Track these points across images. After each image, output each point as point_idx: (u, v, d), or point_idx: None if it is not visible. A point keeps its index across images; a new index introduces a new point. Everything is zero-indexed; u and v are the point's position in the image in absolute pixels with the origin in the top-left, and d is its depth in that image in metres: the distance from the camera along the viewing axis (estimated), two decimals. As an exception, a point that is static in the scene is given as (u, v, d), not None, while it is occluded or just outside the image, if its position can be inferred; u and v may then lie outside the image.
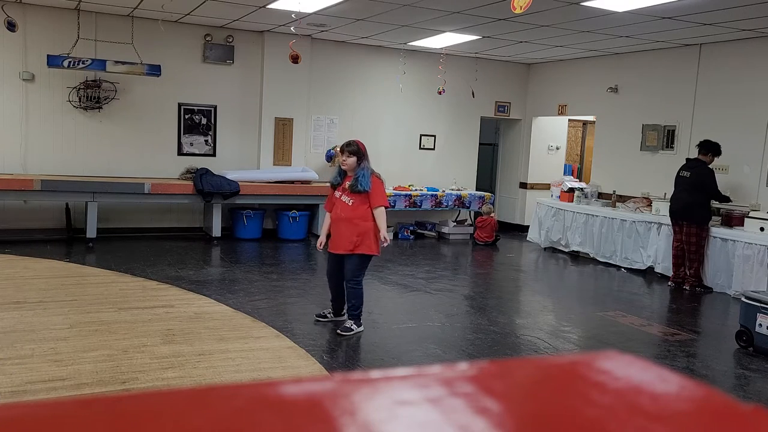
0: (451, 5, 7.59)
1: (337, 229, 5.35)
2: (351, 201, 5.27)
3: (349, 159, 5.29)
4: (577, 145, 13.18)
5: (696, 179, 7.78)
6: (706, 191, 7.77)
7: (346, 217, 5.28)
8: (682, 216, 7.90)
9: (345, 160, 5.32)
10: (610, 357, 0.73)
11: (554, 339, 5.71)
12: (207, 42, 9.85)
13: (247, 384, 0.63)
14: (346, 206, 5.28)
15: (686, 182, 7.86)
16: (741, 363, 5.33)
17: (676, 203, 7.98)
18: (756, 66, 8.35)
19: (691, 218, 7.83)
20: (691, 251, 7.86)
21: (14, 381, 4.07)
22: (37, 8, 8.91)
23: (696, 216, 7.80)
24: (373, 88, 11.05)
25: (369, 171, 5.31)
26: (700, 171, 7.79)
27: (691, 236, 7.82)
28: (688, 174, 7.88)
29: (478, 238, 10.76)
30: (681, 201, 7.89)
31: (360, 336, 5.44)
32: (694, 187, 7.78)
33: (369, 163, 5.39)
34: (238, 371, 4.45)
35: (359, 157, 5.29)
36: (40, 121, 9.15)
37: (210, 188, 9.27)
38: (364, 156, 5.34)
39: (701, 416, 0.62)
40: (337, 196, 5.37)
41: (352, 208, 5.26)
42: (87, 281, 6.75)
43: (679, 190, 7.96)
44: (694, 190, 7.79)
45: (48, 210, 9.20)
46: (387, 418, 0.57)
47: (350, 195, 5.27)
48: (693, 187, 7.79)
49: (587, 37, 9.03)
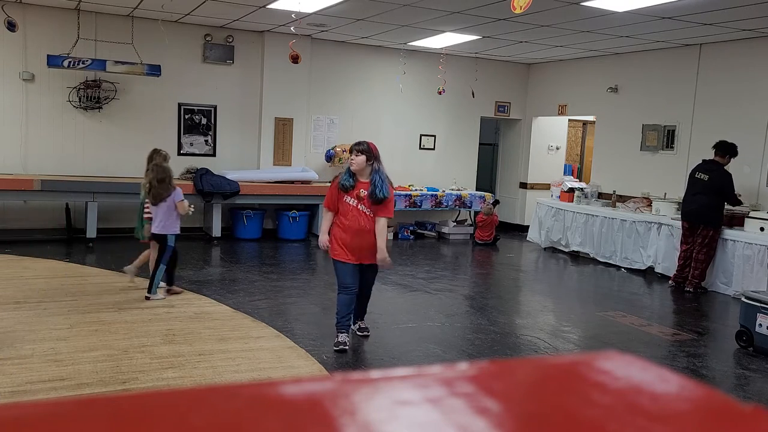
0: (451, 5, 7.59)
1: (359, 241, 4.90)
2: (370, 212, 4.88)
3: (357, 158, 4.91)
4: (577, 145, 13.18)
5: (715, 182, 7.66)
6: (724, 194, 7.69)
7: (370, 228, 4.88)
8: (698, 218, 7.79)
9: (353, 159, 4.95)
10: (610, 357, 0.73)
11: (554, 339, 5.71)
12: (207, 42, 9.86)
13: (247, 384, 0.63)
14: (367, 217, 4.88)
15: (704, 185, 7.73)
16: (741, 363, 5.33)
17: (691, 205, 7.83)
18: (756, 66, 8.35)
19: (708, 221, 7.72)
20: (702, 252, 7.78)
21: (14, 381, 4.07)
22: (37, 8, 8.91)
23: (713, 219, 7.71)
24: (373, 88, 11.05)
25: (386, 177, 4.95)
26: (720, 173, 7.68)
27: (706, 238, 7.74)
28: (706, 177, 7.74)
29: (478, 238, 10.76)
30: (697, 203, 7.76)
31: (360, 336, 5.44)
32: (713, 190, 7.68)
33: (383, 166, 5.00)
34: (238, 371, 4.45)
35: (368, 157, 4.90)
36: (40, 121, 9.15)
37: (210, 188, 9.27)
38: (375, 157, 4.94)
39: (701, 416, 0.62)
40: (352, 204, 4.90)
41: (368, 217, 4.89)
42: (87, 281, 6.75)
43: (694, 192, 7.82)
44: (712, 193, 7.69)
45: (48, 210, 9.20)
46: (387, 418, 0.57)
47: (370, 205, 4.87)
48: (711, 190, 7.68)
49: (587, 37, 9.03)
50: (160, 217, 6.13)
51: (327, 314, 6.22)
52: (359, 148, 4.93)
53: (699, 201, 7.74)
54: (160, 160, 6.33)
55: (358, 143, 5.00)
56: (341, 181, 4.95)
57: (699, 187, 7.77)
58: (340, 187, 4.94)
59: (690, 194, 7.90)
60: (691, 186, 7.91)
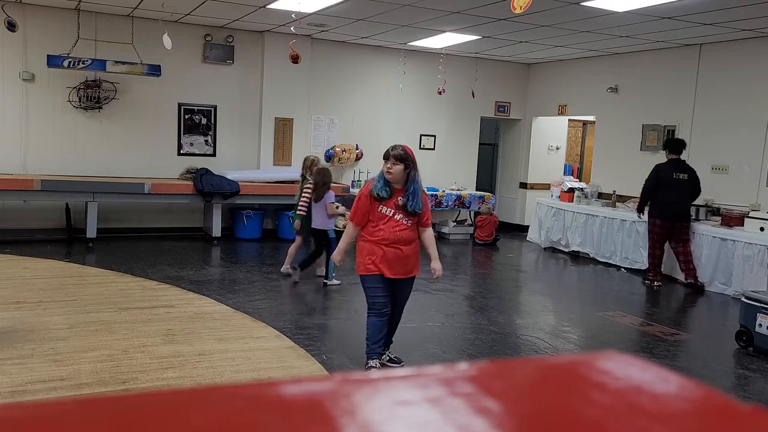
0: (451, 5, 7.59)
1: (398, 253, 4.42)
2: (409, 221, 4.43)
3: (396, 167, 4.33)
4: (577, 145, 13.18)
5: (693, 181, 7.92)
6: (698, 191, 8.03)
7: (408, 238, 4.45)
8: (681, 218, 7.92)
9: (390, 168, 4.34)
10: (610, 357, 0.73)
11: (554, 339, 5.71)
12: (207, 42, 9.86)
13: (247, 384, 0.63)
14: (405, 227, 4.42)
15: (684, 185, 7.89)
16: (741, 363, 5.33)
17: (676, 206, 7.91)
18: (756, 66, 8.35)
19: (688, 219, 8.02)
20: (688, 245, 7.99)
21: (14, 381, 4.07)
22: (37, 8, 8.91)
23: (689, 216, 8.09)
24: (373, 88, 11.05)
25: (420, 186, 4.48)
26: (694, 171, 7.95)
27: (684, 234, 7.99)
28: (686, 177, 7.90)
29: (478, 238, 10.76)
30: (681, 204, 7.92)
31: (359, 336, 5.44)
32: (692, 189, 7.95)
33: (419, 174, 4.51)
34: (238, 371, 4.45)
35: (407, 166, 4.37)
36: (40, 121, 9.15)
37: (210, 188, 9.27)
38: (414, 165, 4.43)
39: (701, 416, 0.62)
40: (388, 214, 4.40)
41: (411, 229, 4.45)
42: (87, 281, 6.75)
43: (679, 192, 7.91)
44: (692, 192, 7.97)
45: (48, 210, 9.20)
46: (387, 418, 0.57)
47: (407, 215, 4.41)
48: (691, 188, 7.94)
49: (587, 37, 9.03)
50: (319, 215, 7.07)
51: (327, 314, 6.23)
52: (396, 155, 4.34)
53: (683, 201, 7.94)
54: (324, 165, 7.42)
55: (394, 148, 4.40)
56: (376, 191, 4.39)
57: (679, 188, 7.92)
58: (375, 198, 4.40)
59: (674, 194, 7.91)
60: (672, 187, 7.90)
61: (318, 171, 7.14)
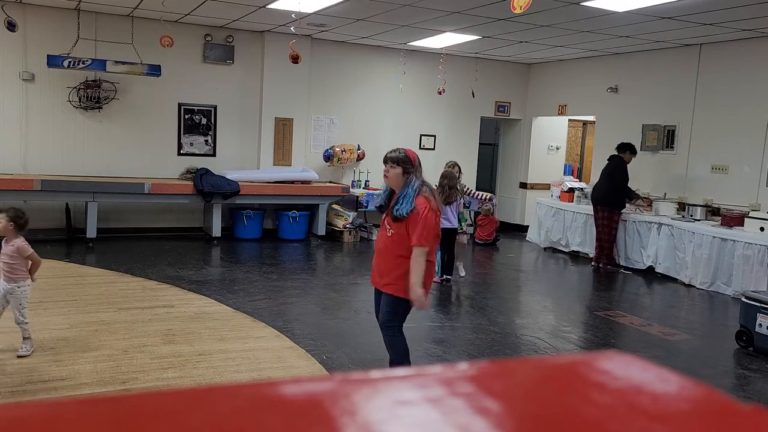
0: (451, 5, 7.59)
1: (376, 261, 4.16)
2: (391, 230, 4.01)
3: (392, 170, 3.98)
4: (577, 145, 13.18)
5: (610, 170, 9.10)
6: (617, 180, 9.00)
7: (382, 248, 4.09)
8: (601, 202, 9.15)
9: (386, 171, 4.02)
10: (610, 357, 0.73)
11: (554, 339, 5.71)
12: (207, 42, 9.86)
13: (247, 384, 0.63)
14: (384, 236, 4.07)
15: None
16: (741, 363, 5.33)
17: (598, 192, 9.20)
18: (756, 66, 8.34)
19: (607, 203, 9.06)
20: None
21: (14, 381, 4.07)
22: (37, 8, 8.91)
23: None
24: (373, 88, 11.05)
25: (415, 190, 3.96)
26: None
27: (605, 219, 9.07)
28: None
29: (478, 238, 10.76)
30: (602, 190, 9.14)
31: (359, 336, 5.44)
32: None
33: (419, 178, 4.03)
34: (238, 371, 4.46)
35: (405, 169, 3.98)
36: (40, 121, 9.15)
37: (210, 188, 9.27)
38: (414, 168, 4.01)
39: (701, 416, 0.62)
40: (383, 220, 4.14)
41: (390, 238, 4.00)
42: (87, 281, 6.75)
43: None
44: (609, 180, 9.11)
45: (48, 210, 9.19)
46: (387, 418, 0.57)
47: (391, 222, 3.99)
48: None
49: (587, 37, 9.03)
50: (451, 215, 7.47)
51: (327, 314, 6.23)
52: (393, 157, 4.00)
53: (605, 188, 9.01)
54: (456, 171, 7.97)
55: (392, 151, 4.05)
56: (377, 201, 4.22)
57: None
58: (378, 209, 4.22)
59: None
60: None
61: (443, 175, 7.69)
